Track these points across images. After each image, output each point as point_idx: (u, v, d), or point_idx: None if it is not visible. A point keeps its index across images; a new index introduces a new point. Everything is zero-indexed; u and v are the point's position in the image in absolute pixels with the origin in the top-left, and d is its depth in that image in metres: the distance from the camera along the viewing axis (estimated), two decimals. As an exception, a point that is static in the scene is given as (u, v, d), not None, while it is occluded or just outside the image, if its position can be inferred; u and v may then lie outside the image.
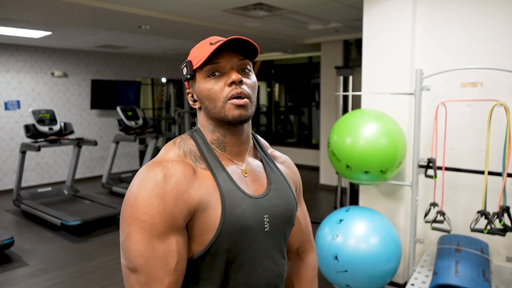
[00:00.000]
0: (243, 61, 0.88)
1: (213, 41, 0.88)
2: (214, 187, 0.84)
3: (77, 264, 3.60)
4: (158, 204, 0.78)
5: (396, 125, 2.72)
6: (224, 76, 0.86)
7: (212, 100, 0.86)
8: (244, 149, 0.93)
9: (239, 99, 0.85)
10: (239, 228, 0.84)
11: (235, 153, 0.92)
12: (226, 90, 0.85)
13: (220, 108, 0.86)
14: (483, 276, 2.27)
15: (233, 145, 0.91)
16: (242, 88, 0.86)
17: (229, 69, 0.86)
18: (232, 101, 0.85)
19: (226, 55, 0.86)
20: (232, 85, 0.85)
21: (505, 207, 2.23)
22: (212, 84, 0.86)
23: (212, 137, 0.91)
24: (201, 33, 5.27)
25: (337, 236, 2.58)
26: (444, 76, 2.78)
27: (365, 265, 2.50)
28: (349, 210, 2.76)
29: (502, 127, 2.51)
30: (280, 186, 0.95)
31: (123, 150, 7.78)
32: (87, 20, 4.33)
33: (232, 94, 0.85)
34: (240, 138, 0.92)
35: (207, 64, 0.86)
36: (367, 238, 2.55)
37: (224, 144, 0.91)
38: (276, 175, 0.97)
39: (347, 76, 4.35)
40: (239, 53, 0.88)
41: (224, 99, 0.85)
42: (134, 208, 0.78)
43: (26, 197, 5.21)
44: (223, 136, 0.90)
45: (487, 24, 2.63)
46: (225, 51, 0.87)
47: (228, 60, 0.86)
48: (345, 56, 6.28)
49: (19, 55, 6.37)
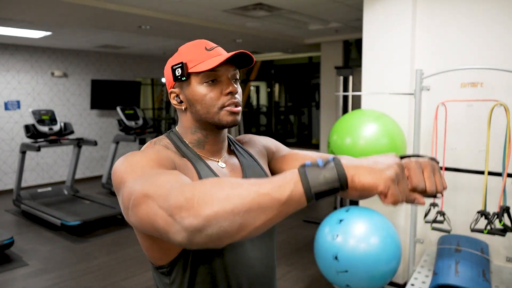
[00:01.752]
0: (235, 71, 0.93)
1: (208, 47, 0.92)
2: (194, 174, 0.89)
3: (77, 264, 3.60)
4: (151, 154, 0.81)
5: (396, 125, 2.72)
6: (220, 84, 0.91)
7: (206, 106, 0.91)
8: (221, 147, 0.99)
9: (234, 107, 0.91)
10: None
11: (213, 151, 0.97)
12: (223, 98, 0.91)
13: (214, 114, 0.91)
14: (483, 276, 2.27)
15: (212, 144, 0.97)
16: (236, 98, 0.92)
17: (225, 78, 0.91)
18: (228, 108, 0.91)
19: (224, 64, 0.90)
20: (228, 95, 0.91)
21: (505, 207, 2.23)
22: (208, 90, 0.90)
23: (192, 138, 0.96)
24: (201, 33, 5.27)
25: (337, 236, 2.58)
26: (444, 76, 2.78)
27: (365, 265, 2.50)
28: (349, 210, 2.76)
29: (502, 127, 2.51)
30: (253, 169, 1.01)
31: (123, 150, 7.77)
32: (87, 20, 4.33)
33: (229, 103, 0.91)
34: (220, 137, 0.97)
35: (206, 70, 0.89)
36: (367, 238, 2.55)
37: (203, 143, 0.96)
38: (247, 160, 1.03)
39: (347, 76, 4.35)
40: (234, 64, 0.92)
41: (220, 106, 0.91)
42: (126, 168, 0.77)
43: (26, 197, 5.20)
44: (204, 137, 0.96)
45: (487, 24, 2.63)
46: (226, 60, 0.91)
47: (225, 69, 0.91)
48: (345, 56, 6.27)
49: (19, 55, 6.37)
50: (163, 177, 0.70)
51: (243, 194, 0.59)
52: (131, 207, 0.69)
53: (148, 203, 0.65)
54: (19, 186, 5.15)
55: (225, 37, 5.59)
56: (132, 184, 0.71)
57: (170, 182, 0.67)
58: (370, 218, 2.66)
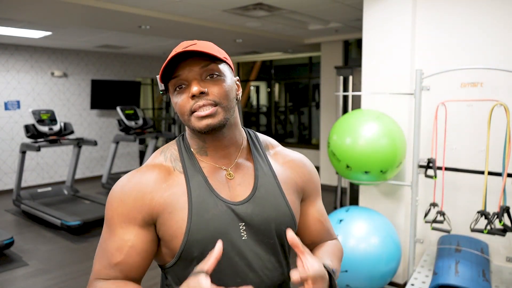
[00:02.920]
0: (207, 66, 0.83)
1: (177, 50, 0.84)
2: (183, 191, 0.84)
3: (77, 264, 3.60)
4: (117, 206, 0.84)
5: (396, 125, 2.72)
6: (188, 87, 0.84)
7: (181, 114, 0.86)
8: (229, 152, 0.90)
9: (202, 111, 0.82)
10: (209, 235, 0.81)
11: (220, 157, 0.90)
12: (190, 102, 0.83)
13: (187, 121, 0.85)
14: (483, 276, 2.27)
15: (214, 150, 0.90)
16: (205, 99, 0.82)
17: (190, 80, 0.83)
18: (195, 114, 0.83)
19: (186, 65, 0.83)
20: (194, 98, 0.83)
21: (505, 207, 2.23)
22: (178, 98, 0.85)
23: (194, 143, 0.91)
24: (201, 33, 5.27)
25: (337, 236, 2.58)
26: (444, 76, 2.78)
27: (365, 265, 2.50)
28: (349, 210, 2.76)
29: (502, 127, 2.51)
30: (268, 192, 0.89)
31: (123, 150, 7.78)
32: (87, 20, 4.33)
33: (194, 108, 0.83)
34: (221, 142, 0.89)
35: (170, 78, 0.85)
36: (367, 238, 2.55)
37: (204, 148, 0.90)
38: (267, 179, 0.91)
39: (347, 76, 4.35)
40: (203, 59, 0.83)
41: (189, 112, 0.84)
42: (105, 211, 0.87)
43: (26, 197, 5.20)
44: (203, 142, 0.90)
45: (487, 24, 2.63)
46: (185, 61, 0.83)
47: (188, 70, 0.83)
48: (345, 56, 6.27)
49: (19, 55, 6.37)
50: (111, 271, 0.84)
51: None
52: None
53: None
54: (19, 186, 5.15)
55: (225, 37, 5.59)
56: (96, 255, 0.88)
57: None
58: (370, 218, 2.66)
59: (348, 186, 4.48)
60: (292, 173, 0.96)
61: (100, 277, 0.84)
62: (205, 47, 0.83)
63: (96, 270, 0.85)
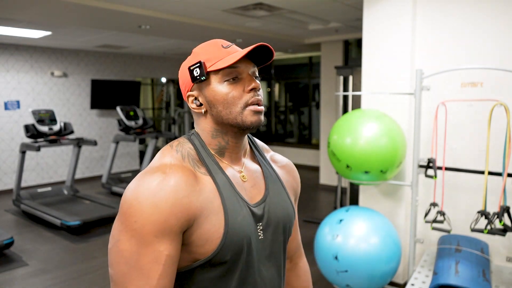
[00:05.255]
0: (255, 68, 0.87)
1: (224, 45, 0.86)
2: (215, 194, 0.82)
3: (77, 264, 3.60)
4: (151, 213, 0.74)
5: (396, 125, 2.72)
6: (241, 82, 0.84)
7: (229, 106, 0.83)
8: (241, 155, 0.92)
9: (258, 106, 0.84)
10: (241, 237, 0.82)
11: (233, 158, 0.90)
12: (246, 96, 0.83)
13: (237, 114, 0.83)
14: (483, 276, 2.27)
15: (232, 151, 0.89)
16: (259, 96, 0.85)
17: (246, 75, 0.84)
18: (252, 107, 0.84)
19: (244, 60, 0.85)
20: (251, 91, 0.84)
21: (505, 207, 2.23)
22: (230, 89, 0.83)
23: (213, 142, 0.88)
24: (201, 33, 5.27)
25: (337, 236, 2.58)
26: (444, 76, 2.78)
27: (365, 265, 2.50)
28: (349, 210, 2.76)
29: (502, 127, 2.51)
30: (277, 194, 0.93)
31: (123, 150, 7.78)
32: (87, 20, 4.33)
33: (252, 101, 0.84)
34: (241, 144, 0.90)
35: (222, 67, 0.83)
36: (367, 238, 2.55)
37: (224, 149, 0.88)
38: (274, 181, 0.94)
39: (347, 76, 4.35)
40: (252, 61, 0.87)
41: (243, 105, 0.83)
42: (127, 216, 0.75)
43: (26, 197, 5.20)
44: (225, 142, 0.88)
45: (487, 24, 2.63)
46: (244, 58, 0.85)
47: (245, 66, 0.85)
48: (345, 56, 6.27)
49: (19, 55, 6.36)
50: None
51: None
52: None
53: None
54: (19, 186, 5.14)
55: (225, 37, 5.58)
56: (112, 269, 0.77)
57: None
58: (370, 218, 2.66)
59: (348, 186, 4.48)
60: (289, 177, 1.02)
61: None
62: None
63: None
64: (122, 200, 0.78)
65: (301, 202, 5.69)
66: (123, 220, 0.76)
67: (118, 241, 0.76)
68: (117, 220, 0.78)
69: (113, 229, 0.79)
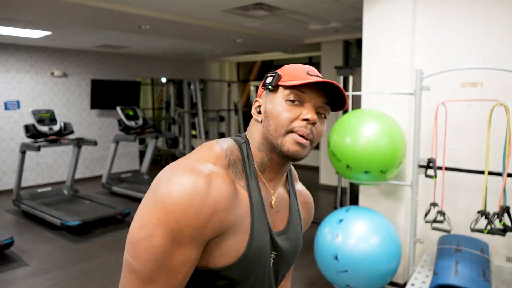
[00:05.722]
0: (325, 104, 0.85)
1: (311, 72, 0.85)
2: (247, 212, 0.81)
3: (77, 264, 3.60)
4: (194, 217, 0.72)
5: (396, 125, 2.72)
6: (300, 108, 0.82)
7: (278, 123, 0.82)
8: (279, 178, 0.90)
9: (302, 138, 0.81)
10: (256, 261, 0.82)
11: (269, 179, 0.88)
12: (296, 122, 0.81)
13: (279, 135, 0.82)
14: (483, 276, 2.27)
15: (271, 171, 0.88)
16: (311, 130, 0.82)
17: (309, 104, 0.83)
18: (295, 136, 0.81)
19: (315, 90, 0.83)
20: (304, 121, 0.81)
21: (505, 207, 2.23)
22: (287, 109, 0.82)
23: (258, 156, 0.86)
24: (201, 33, 5.27)
25: (337, 236, 2.58)
26: (444, 76, 2.78)
27: (365, 265, 2.50)
28: (349, 210, 2.76)
29: (502, 127, 2.51)
30: (295, 228, 0.94)
31: (123, 150, 7.78)
32: (87, 20, 4.33)
33: (300, 130, 0.81)
34: (282, 167, 0.88)
35: (295, 88, 0.82)
36: (367, 238, 2.55)
37: (265, 166, 0.87)
38: (295, 214, 0.95)
39: (347, 76, 4.35)
40: (326, 97, 0.85)
41: (289, 129, 0.81)
42: (168, 213, 0.71)
43: (26, 197, 5.20)
44: (268, 159, 0.86)
45: (487, 24, 2.63)
46: (315, 87, 0.84)
47: (314, 96, 0.83)
48: (345, 56, 6.27)
49: (19, 55, 6.37)
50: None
51: None
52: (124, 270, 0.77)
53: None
54: (19, 186, 5.14)
55: (225, 37, 5.59)
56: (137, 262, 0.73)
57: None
58: (370, 218, 2.66)
59: (348, 186, 4.48)
60: (306, 214, 1.04)
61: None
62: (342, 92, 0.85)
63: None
64: (164, 191, 0.73)
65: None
66: (161, 216, 0.71)
67: (152, 236, 0.72)
68: (151, 212, 0.73)
69: (144, 219, 0.73)
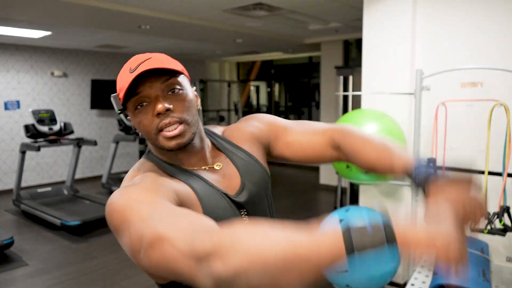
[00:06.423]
0: (168, 81, 0.80)
1: (132, 67, 0.80)
2: (188, 190, 0.81)
3: (77, 264, 3.60)
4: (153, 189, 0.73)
5: (396, 125, 2.72)
6: (150, 106, 0.80)
7: (146, 133, 0.82)
8: (202, 154, 0.90)
9: (169, 131, 0.79)
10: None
11: (195, 162, 0.88)
12: (155, 121, 0.79)
13: (154, 140, 0.82)
14: (483, 276, 2.27)
15: (189, 158, 0.88)
16: (171, 116, 0.79)
17: (154, 97, 0.79)
18: (163, 133, 0.80)
19: (147, 81, 0.78)
20: (159, 116, 0.79)
21: (505, 207, 2.23)
22: (141, 117, 0.80)
23: (166, 157, 0.87)
24: (201, 33, 5.27)
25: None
26: (444, 76, 2.78)
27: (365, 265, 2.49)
28: (349, 210, 2.76)
29: (502, 127, 2.51)
30: (250, 168, 0.93)
31: (123, 150, 7.78)
32: (87, 20, 4.33)
33: (161, 126, 0.79)
34: (193, 150, 0.88)
35: (131, 96, 0.79)
36: (367, 238, 2.54)
37: (180, 160, 0.87)
38: (242, 159, 0.93)
39: (347, 76, 4.35)
40: (161, 75, 0.80)
41: (155, 130, 0.80)
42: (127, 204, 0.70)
43: (26, 197, 5.20)
44: (174, 155, 0.86)
45: (487, 24, 2.63)
46: (146, 77, 0.79)
47: (149, 86, 0.79)
48: (345, 56, 6.27)
49: (19, 55, 6.36)
50: (182, 218, 0.65)
51: (277, 248, 0.56)
52: (144, 251, 0.63)
53: (166, 247, 0.60)
54: (19, 186, 5.15)
55: (225, 37, 5.59)
56: (141, 225, 0.65)
57: (192, 224, 0.62)
58: (370, 218, 2.66)
59: (348, 186, 4.48)
60: (246, 142, 0.97)
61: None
62: (162, 61, 0.80)
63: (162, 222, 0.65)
64: (111, 203, 0.72)
65: (301, 202, 5.69)
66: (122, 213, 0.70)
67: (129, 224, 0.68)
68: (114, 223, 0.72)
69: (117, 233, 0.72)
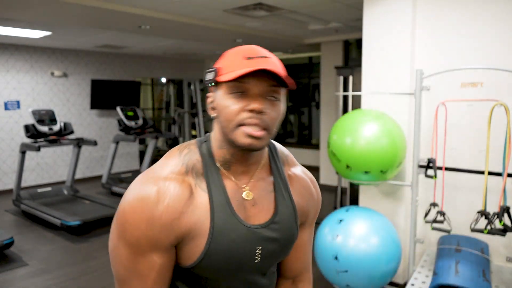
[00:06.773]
0: (273, 87, 0.79)
1: (251, 55, 0.80)
2: (207, 216, 0.80)
3: (77, 264, 3.60)
4: (145, 229, 0.77)
5: (396, 125, 2.72)
6: (246, 98, 0.78)
7: (226, 119, 0.79)
8: (251, 168, 0.87)
9: (254, 130, 0.77)
10: (224, 259, 0.82)
11: (240, 172, 0.85)
12: (243, 115, 0.77)
13: (230, 131, 0.79)
14: (483, 276, 2.27)
15: (239, 165, 0.85)
16: (261, 119, 0.77)
17: (254, 93, 0.78)
18: (245, 128, 0.77)
19: (258, 76, 0.78)
20: (251, 112, 0.77)
21: (505, 207, 2.23)
22: (232, 103, 0.78)
23: (219, 153, 0.84)
24: (201, 33, 5.27)
25: (337, 236, 2.58)
26: (444, 76, 2.78)
27: (365, 265, 2.50)
28: (349, 210, 2.76)
29: (502, 127, 2.51)
30: (286, 218, 0.88)
31: (123, 150, 7.78)
32: (87, 20, 4.33)
33: (248, 122, 0.77)
34: (248, 160, 0.85)
35: (235, 80, 0.78)
36: (367, 238, 2.55)
37: (229, 163, 0.84)
38: (285, 203, 0.89)
39: (347, 76, 4.35)
40: (272, 79, 0.79)
41: (238, 122, 0.78)
42: (124, 227, 0.79)
43: (26, 197, 5.20)
44: (230, 156, 0.84)
45: (487, 24, 2.63)
46: (259, 73, 0.78)
47: (256, 83, 0.78)
48: (345, 56, 6.27)
49: (19, 55, 6.36)
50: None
51: None
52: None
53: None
54: (19, 186, 5.14)
55: (225, 37, 5.58)
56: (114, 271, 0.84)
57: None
58: (370, 218, 2.66)
59: (348, 186, 4.48)
60: (302, 201, 0.94)
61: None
62: (280, 68, 0.81)
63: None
64: (120, 207, 0.81)
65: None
66: (120, 230, 0.80)
67: (117, 247, 0.81)
68: (114, 228, 0.82)
69: (111, 233, 0.83)
